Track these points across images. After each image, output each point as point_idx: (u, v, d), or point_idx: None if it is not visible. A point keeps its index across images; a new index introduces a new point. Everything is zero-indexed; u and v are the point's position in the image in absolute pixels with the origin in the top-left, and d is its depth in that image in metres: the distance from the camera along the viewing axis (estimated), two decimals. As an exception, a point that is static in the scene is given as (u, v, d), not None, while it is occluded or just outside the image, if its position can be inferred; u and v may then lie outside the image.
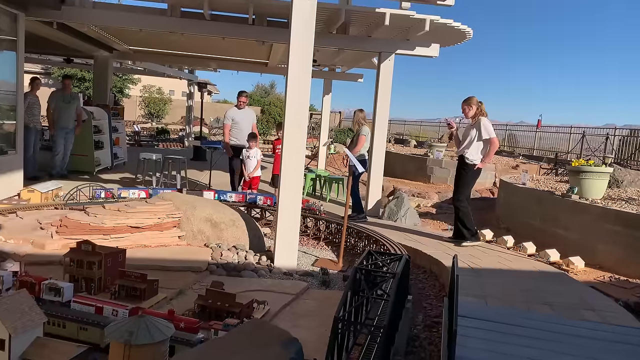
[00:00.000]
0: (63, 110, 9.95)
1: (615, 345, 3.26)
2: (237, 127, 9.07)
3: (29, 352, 2.80)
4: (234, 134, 9.12)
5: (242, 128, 9.05)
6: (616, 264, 6.36)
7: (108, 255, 4.12)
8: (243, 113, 9.18)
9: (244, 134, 9.00)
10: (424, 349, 3.82)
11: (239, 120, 9.10)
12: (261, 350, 2.53)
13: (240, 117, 9.11)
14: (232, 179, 9.37)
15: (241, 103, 9.18)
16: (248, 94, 9.57)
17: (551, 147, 18.39)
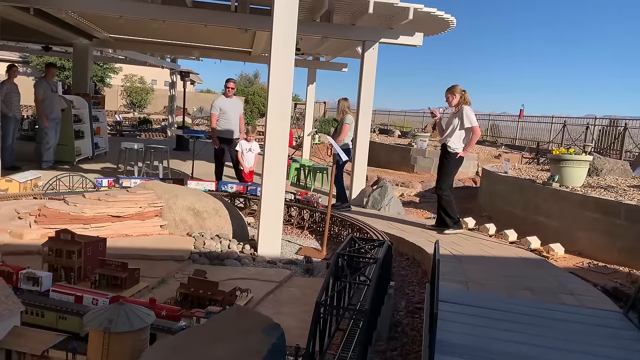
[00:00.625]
0: (53, 99, 9.77)
1: (592, 328, 3.32)
2: (224, 117, 8.78)
3: (6, 341, 2.75)
4: (221, 124, 8.83)
5: (230, 118, 8.77)
6: (595, 251, 6.47)
7: (88, 244, 4.05)
8: (231, 102, 8.91)
9: (231, 124, 8.77)
10: (406, 335, 3.85)
11: (226, 109, 8.79)
12: (243, 337, 2.51)
13: (228, 107, 8.83)
14: (217, 170, 9.05)
15: (229, 90, 8.90)
16: (236, 81, 9.35)
17: (533, 137, 18.61)
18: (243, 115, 9.39)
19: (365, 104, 8.88)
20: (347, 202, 8.27)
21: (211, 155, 14.05)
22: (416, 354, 3.52)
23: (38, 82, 9.85)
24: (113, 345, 2.55)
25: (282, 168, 5.64)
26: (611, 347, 3.02)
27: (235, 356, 2.31)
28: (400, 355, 3.51)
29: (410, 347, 3.65)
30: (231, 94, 8.90)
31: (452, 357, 2.68)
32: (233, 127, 8.77)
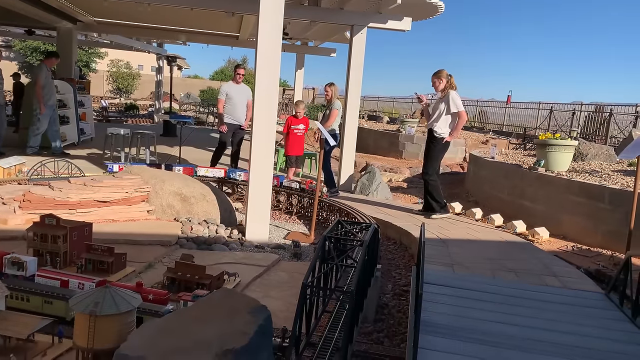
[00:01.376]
0: (51, 86, 9.69)
1: (574, 308, 3.39)
2: (230, 103, 8.60)
3: (-9, 325, 2.74)
4: (227, 110, 8.64)
5: (236, 104, 8.58)
6: (579, 234, 6.57)
7: (73, 229, 4.03)
8: (238, 89, 8.70)
9: (237, 111, 8.58)
10: (393, 317, 3.90)
11: (233, 95, 8.60)
12: (230, 318, 2.53)
13: (235, 93, 8.64)
14: (216, 154, 8.93)
15: (239, 77, 8.70)
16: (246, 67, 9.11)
17: (520, 123, 18.73)
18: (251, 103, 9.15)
19: (354, 89, 8.85)
20: (335, 188, 8.29)
21: (198, 141, 13.98)
22: (402, 335, 3.57)
23: (39, 67, 9.75)
24: (99, 328, 2.54)
25: (270, 153, 5.63)
26: (593, 326, 3.08)
27: (222, 337, 2.33)
28: (387, 337, 3.56)
29: (397, 328, 3.70)
30: (240, 80, 8.73)
31: (436, 337, 2.72)
32: (239, 114, 8.63)
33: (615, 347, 2.79)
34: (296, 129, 8.29)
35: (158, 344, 2.34)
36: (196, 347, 2.30)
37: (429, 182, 6.48)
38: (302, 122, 8.36)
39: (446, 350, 2.59)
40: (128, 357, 2.21)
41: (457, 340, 2.71)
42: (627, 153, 5.30)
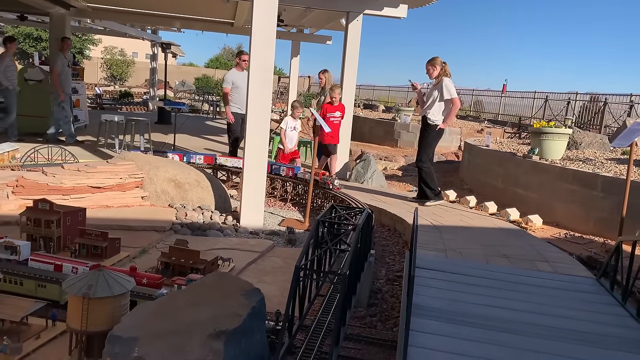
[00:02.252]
0: (68, 74, 9.82)
1: (565, 292, 3.42)
2: (237, 92, 8.13)
3: (-16, 308, 2.74)
4: (234, 99, 8.19)
5: (243, 92, 7.80)
6: (572, 222, 6.61)
7: (67, 214, 4.02)
8: (244, 76, 7.85)
9: (244, 100, 7.99)
10: (386, 301, 3.92)
11: (240, 84, 8.07)
12: (223, 301, 2.54)
13: (241, 80, 8.04)
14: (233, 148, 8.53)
15: (244, 63, 8.25)
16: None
17: (515, 113, 18.73)
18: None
19: (349, 77, 8.81)
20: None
21: (193, 129, 13.91)
22: (395, 319, 3.60)
23: (56, 55, 9.81)
24: (92, 310, 2.55)
25: (265, 140, 5.63)
26: (584, 310, 3.11)
27: (215, 319, 2.34)
28: (380, 321, 3.59)
29: (390, 313, 3.73)
30: (245, 66, 8.21)
31: (428, 320, 2.74)
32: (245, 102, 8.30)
33: (605, 329, 2.82)
34: (332, 116, 7.75)
35: (151, 325, 2.35)
36: (189, 328, 2.32)
37: (423, 169, 6.49)
38: (339, 109, 7.88)
39: (438, 332, 2.61)
40: (121, 339, 2.22)
41: (449, 323, 2.73)
42: (620, 140, 5.32)
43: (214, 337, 2.25)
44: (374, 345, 3.15)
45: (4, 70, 9.28)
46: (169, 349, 2.19)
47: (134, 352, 2.16)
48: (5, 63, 9.29)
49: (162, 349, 2.18)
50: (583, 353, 2.50)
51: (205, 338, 2.24)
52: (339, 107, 7.87)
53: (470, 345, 2.48)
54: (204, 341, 2.23)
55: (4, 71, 9.28)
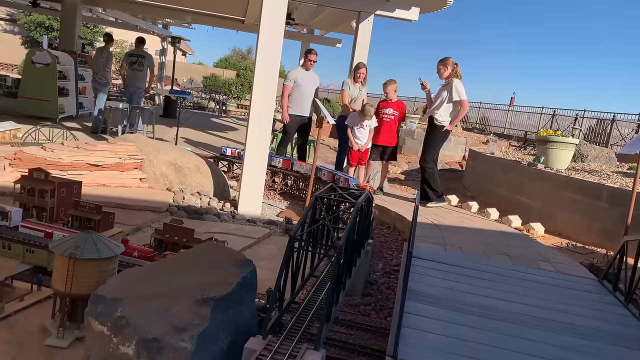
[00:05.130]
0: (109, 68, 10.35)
1: (566, 290, 3.33)
2: (298, 91, 7.47)
3: (-32, 266, 2.66)
4: (293, 99, 7.49)
5: (304, 93, 7.45)
6: (574, 231, 6.51)
7: (62, 185, 3.95)
8: (308, 76, 7.56)
9: (305, 101, 7.43)
10: (381, 292, 3.83)
11: (302, 83, 7.46)
12: (213, 269, 2.46)
13: (305, 80, 7.49)
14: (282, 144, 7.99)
15: (310, 63, 7.52)
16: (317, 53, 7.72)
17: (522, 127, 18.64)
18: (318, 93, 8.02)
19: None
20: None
21: (198, 124, 13.89)
22: (389, 309, 3.51)
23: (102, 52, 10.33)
24: (78, 272, 2.47)
25: (267, 127, 5.57)
26: (584, 307, 3.02)
27: (204, 286, 2.26)
28: (374, 310, 3.50)
29: (384, 303, 3.64)
30: (311, 66, 7.59)
31: (424, 305, 2.66)
32: (306, 105, 7.50)
33: (605, 326, 2.73)
34: (384, 113, 6.90)
35: (137, 288, 2.27)
36: (176, 293, 2.23)
37: (426, 170, 6.40)
38: (393, 105, 6.95)
39: (433, 316, 2.53)
40: (105, 299, 2.14)
41: (444, 309, 2.65)
42: (629, 147, 5.23)
43: (201, 302, 2.16)
44: (366, 331, 3.06)
45: (104, 64, 10.01)
46: (153, 311, 2.10)
47: (117, 311, 2.08)
48: (105, 57, 10.06)
49: (147, 311, 2.10)
50: (579, 345, 2.41)
51: (192, 303, 2.16)
52: (393, 104, 6.97)
53: (464, 330, 2.40)
54: (190, 306, 2.15)
55: (104, 65, 10.02)
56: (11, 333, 2.48)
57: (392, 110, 6.91)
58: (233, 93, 26.10)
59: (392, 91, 6.95)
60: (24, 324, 2.58)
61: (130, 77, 10.23)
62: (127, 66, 10.19)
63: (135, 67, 10.11)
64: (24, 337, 2.47)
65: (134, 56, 10.20)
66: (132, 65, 10.11)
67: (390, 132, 6.96)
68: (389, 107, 6.93)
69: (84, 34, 24.51)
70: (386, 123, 6.91)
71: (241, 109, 22.75)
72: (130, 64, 10.15)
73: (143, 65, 10.19)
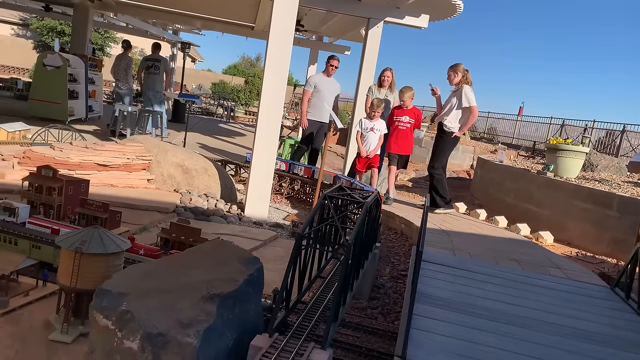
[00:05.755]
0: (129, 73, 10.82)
1: (577, 297, 3.26)
2: (318, 97, 7.44)
3: (-26, 259, 2.65)
4: (312, 104, 7.49)
5: (324, 98, 7.39)
6: (584, 240, 6.42)
7: (70, 183, 3.95)
8: (329, 82, 7.59)
9: (324, 107, 7.29)
10: (389, 296, 3.78)
11: (322, 89, 7.44)
12: (219, 267, 2.43)
13: (325, 86, 7.49)
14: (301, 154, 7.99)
15: (332, 69, 7.54)
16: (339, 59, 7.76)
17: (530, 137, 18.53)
18: (338, 101, 7.97)
19: (365, 85, 8.74)
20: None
21: (206, 130, 13.92)
22: (397, 313, 3.46)
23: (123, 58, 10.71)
24: (84, 267, 2.45)
25: (275, 132, 5.56)
26: (596, 314, 2.96)
27: (210, 282, 2.23)
28: (381, 314, 3.45)
29: (391, 307, 3.59)
30: (332, 72, 7.62)
31: (433, 307, 2.61)
32: (325, 111, 7.36)
33: (618, 333, 2.67)
34: (398, 121, 6.66)
35: (142, 284, 2.24)
36: (181, 289, 2.20)
37: (435, 176, 6.35)
38: (409, 113, 6.68)
39: (442, 319, 2.48)
40: (109, 293, 2.12)
41: (454, 312, 2.60)
42: None
43: (207, 299, 2.13)
44: (373, 334, 3.01)
45: (125, 69, 10.43)
46: (158, 306, 2.08)
47: (122, 306, 2.05)
48: (125, 63, 10.47)
49: (152, 306, 2.07)
50: (592, 350, 2.36)
51: (198, 299, 2.13)
52: (410, 111, 6.70)
53: (474, 333, 2.35)
54: (196, 302, 2.12)
55: (125, 71, 10.43)
56: (15, 327, 2.46)
57: (408, 118, 6.67)
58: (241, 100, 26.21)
59: (409, 99, 6.70)
60: (29, 319, 2.56)
61: (147, 80, 10.38)
62: (144, 70, 10.36)
63: (151, 71, 10.25)
64: (28, 331, 2.45)
65: (150, 60, 10.35)
66: (149, 69, 10.26)
67: (406, 140, 6.72)
68: (404, 115, 6.66)
69: (95, 39, 24.76)
70: (402, 131, 6.68)
71: (249, 115, 22.84)
72: (147, 68, 10.31)
73: (159, 69, 10.36)
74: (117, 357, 1.98)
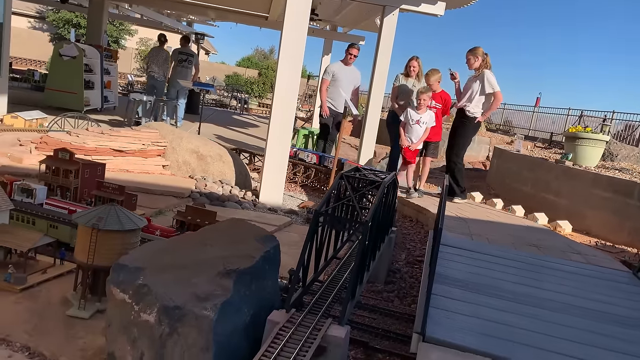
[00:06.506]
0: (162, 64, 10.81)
1: (600, 281, 3.19)
2: (335, 85, 7.29)
3: (-8, 236, 2.67)
4: (330, 93, 7.34)
5: (342, 87, 7.24)
6: (603, 230, 6.30)
7: (86, 166, 3.96)
8: (347, 71, 7.43)
9: (341, 97, 7.13)
10: (405, 281, 3.74)
11: (340, 77, 7.30)
12: (235, 244, 2.41)
13: (344, 75, 7.36)
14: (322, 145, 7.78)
15: (351, 57, 7.39)
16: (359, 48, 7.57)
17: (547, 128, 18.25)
18: (358, 91, 7.81)
19: (380, 74, 8.59)
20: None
21: (220, 121, 13.94)
22: (413, 297, 3.41)
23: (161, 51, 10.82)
24: (101, 244, 2.45)
25: (290, 121, 5.54)
26: (618, 297, 2.89)
27: (226, 259, 2.21)
28: (397, 297, 3.41)
29: (408, 291, 3.55)
30: (352, 61, 7.47)
31: (451, 287, 2.57)
32: (341, 100, 7.22)
33: (643, 316, 2.60)
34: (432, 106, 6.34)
35: (159, 259, 2.23)
36: (198, 265, 2.19)
37: (456, 164, 6.21)
38: (436, 97, 6.33)
39: (462, 299, 2.44)
40: (126, 267, 2.11)
41: (473, 293, 2.55)
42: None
43: (223, 274, 2.11)
44: (390, 316, 2.98)
45: (162, 62, 10.36)
46: (175, 281, 2.06)
47: (139, 280, 2.04)
48: (165, 55, 10.45)
49: (169, 280, 2.06)
50: (626, 334, 2.29)
51: (214, 275, 2.11)
52: (436, 95, 6.33)
53: (497, 313, 2.30)
54: (213, 277, 2.10)
55: (162, 63, 10.36)
56: (34, 303, 2.47)
57: (434, 103, 6.31)
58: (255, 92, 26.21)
59: (435, 82, 6.34)
60: (46, 295, 2.57)
61: (177, 73, 10.44)
62: (177, 63, 10.43)
63: (184, 65, 10.39)
64: (46, 307, 2.46)
65: (183, 54, 10.48)
66: (182, 62, 10.38)
67: (434, 127, 6.32)
68: (431, 100, 6.27)
69: (110, 31, 24.91)
70: None
71: (262, 107, 22.83)
72: (179, 61, 10.39)
73: (191, 64, 10.53)
74: (134, 330, 1.98)
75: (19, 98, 9.59)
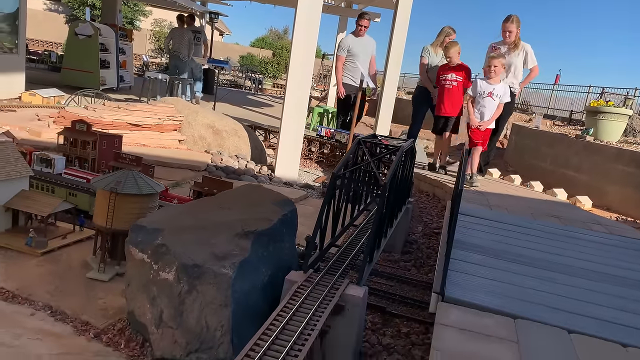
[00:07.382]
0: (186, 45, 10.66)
1: (623, 250, 3.13)
2: (351, 60, 6.97)
3: (13, 201, 2.70)
4: (348, 69, 7.05)
5: (359, 61, 6.94)
6: (625, 205, 6.19)
7: (103, 137, 3.98)
8: (362, 43, 7.10)
9: (359, 70, 6.75)
10: (422, 251, 3.72)
11: (356, 52, 6.97)
12: (253, 207, 2.40)
13: (358, 49, 7.03)
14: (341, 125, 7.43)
15: (361, 29, 7.06)
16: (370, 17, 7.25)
17: (566, 107, 17.86)
18: (375, 59, 7.45)
19: (397, 52, 8.46)
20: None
21: (235, 100, 13.95)
22: (430, 266, 3.39)
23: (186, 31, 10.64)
24: (119, 208, 2.46)
25: (305, 98, 5.50)
26: (642, 265, 2.83)
27: (244, 221, 2.20)
28: (414, 266, 3.39)
29: (425, 261, 3.52)
30: (364, 32, 7.14)
31: (470, 253, 2.54)
32: (360, 73, 6.79)
33: (668, 283, 2.54)
34: (445, 79, 5.84)
35: (176, 221, 2.23)
36: (216, 227, 2.19)
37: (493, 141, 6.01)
38: (455, 70, 5.83)
39: (480, 263, 2.41)
40: (145, 229, 2.12)
41: (492, 258, 2.52)
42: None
43: (241, 235, 2.11)
44: (407, 284, 2.97)
45: (187, 43, 10.16)
46: (194, 240, 2.07)
47: (158, 239, 2.05)
48: (190, 36, 10.26)
49: (187, 240, 2.06)
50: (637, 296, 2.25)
51: (233, 235, 2.11)
52: (456, 68, 5.85)
53: (512, 276, 2.28)
54: (231, 238, 2.10)
55: (187, 44, 10.16)
56: (55, 266, 2.51)
57: (454, 76, 5.81)
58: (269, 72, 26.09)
59: (455, 54, 5.83)
60: (67, 259, 2.60)
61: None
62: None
63: (194, 42, 10.38)
64: (67, 270, 2.49)
65: (193, 32, 10.49)
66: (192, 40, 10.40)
67: (454, 101, 5.85)
68: (450, 73, 5.82)
69: (125, 12, 24.89)
70: (447, 90, 5.83)
71: (277, 88, 22.74)
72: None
73: (200, 40, 10.62)
74: (153, 289, 1.99)
75: (37, 78, 9.66)
